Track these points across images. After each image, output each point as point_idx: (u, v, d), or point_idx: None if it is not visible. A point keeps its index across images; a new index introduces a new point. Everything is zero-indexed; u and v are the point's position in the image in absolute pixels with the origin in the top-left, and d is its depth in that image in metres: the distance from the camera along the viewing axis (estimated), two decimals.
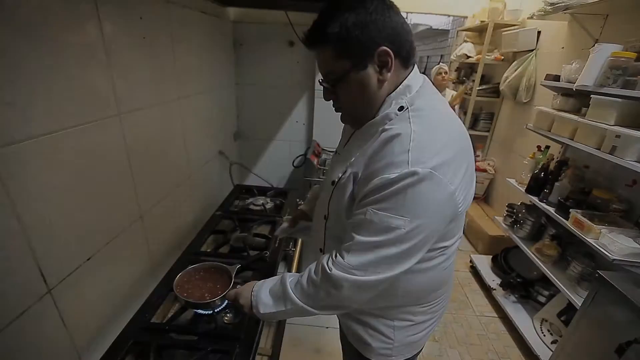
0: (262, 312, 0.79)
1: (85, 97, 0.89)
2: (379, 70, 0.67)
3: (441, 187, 0.62)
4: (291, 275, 0.79)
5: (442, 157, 0.62)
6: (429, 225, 0.64)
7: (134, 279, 1.19)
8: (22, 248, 0.74)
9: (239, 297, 0.85)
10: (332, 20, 0.63)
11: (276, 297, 0.78)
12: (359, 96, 0.70)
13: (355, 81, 0.67)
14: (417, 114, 0.67)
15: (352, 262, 0.66)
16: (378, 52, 0.64)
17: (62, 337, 0.88)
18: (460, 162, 0.66)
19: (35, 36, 0.73)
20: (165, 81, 1.30)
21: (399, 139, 0.64)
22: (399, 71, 0.69)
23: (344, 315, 0.93)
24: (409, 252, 0.65)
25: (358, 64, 0.65)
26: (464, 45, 3.33)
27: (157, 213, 1.30)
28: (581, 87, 1.69)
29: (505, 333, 2.09)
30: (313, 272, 0.73)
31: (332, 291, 0.69)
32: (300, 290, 0.74)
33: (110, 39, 0.95)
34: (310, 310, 0.74)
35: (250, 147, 2.37)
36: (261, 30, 2.04)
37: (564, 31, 2.32)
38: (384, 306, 0.82)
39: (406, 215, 0.61)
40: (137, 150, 1.13)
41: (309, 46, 0.69)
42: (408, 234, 0.62)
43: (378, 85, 0.68)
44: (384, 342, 0.86)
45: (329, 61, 0.68)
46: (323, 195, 0.85)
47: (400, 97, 0.69)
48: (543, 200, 1.96)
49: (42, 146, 0.76)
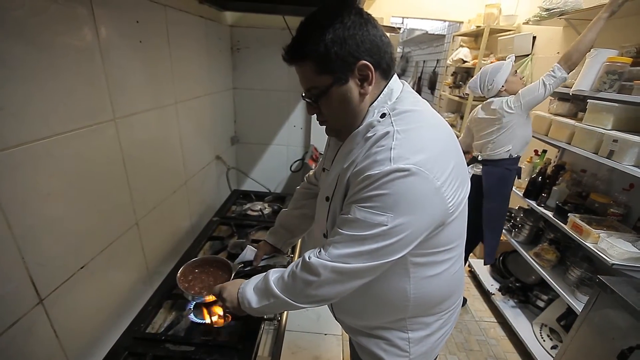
0: (247, 307, 0.78)
1: (80, 102, 0.87)
2: (360, 84, 0.68)
3: (426, 182, 0.61)
4: (276, 271, 0.78)
5: (427, 154, 0.62)
6: (414, 222, 0.63)
7: (129, 287, 1.17)
8: (12, 256, 0.72)
9: (223, 292, 0.85)
10: (310, 37, 0.65)
11: (260, 293, 0.78)
12: (342, 110, 0.70)
13: (338, 95, 0.68)
14: (399, 117, 0.68)
15: (333, 253, 0.66)
16: (358, 66, 0.65)
17: (54, 349, 0.85)
18: (446, 160, 0.65)
19: (30, 39, 0.71)
20: (161, 85, 1.29)
21: (382, 139, 0.65)
22: (380, 83, 0.71)
23: (354, 332, 0.90)
24: (392, 248, 0.64)
25: (339, 79, 0.66)
26: (460, 50, 3.36)
27: (153, 219, 1.28)
28: (578, 92, 1.70)
29: (504, 338, 2.08)
30: (294, 266, 0.73)
31: (310, 278, 0.68)
32: (282, 283, 0.74)
33: (106, 43, 0.94)
34: (292, 303, 0.73)
35: (248, 152, 2.36)
36: (258, 34, 2.04)
37: (559, 36, 2.34)
38: (397, 318, 0.81)
39: (389, 211, 0.61)
40: (133, 156, 1.11)
41: (289, 62, 0.70)
42: (391, 230, 0.62)
43: (360, 98, 0.69)
44: (400, 356, 0.84)
45: (310, 77, 0.68)
46: (319, 213, 0.85)
47: (381, 105, 0.70)
48: (541, 204, 1.96)
49: (35, 152, 0.74)
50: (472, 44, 3.45)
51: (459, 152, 0.72)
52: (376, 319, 0.83)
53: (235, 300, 0.81)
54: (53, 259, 0.82)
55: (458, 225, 0.73)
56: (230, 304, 0.83)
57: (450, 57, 3.65)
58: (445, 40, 4.32)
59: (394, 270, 0.72)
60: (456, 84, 3.62)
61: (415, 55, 6.05)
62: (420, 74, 5.39)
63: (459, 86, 3.55)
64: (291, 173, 2.38)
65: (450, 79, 3.84)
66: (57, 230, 0.83)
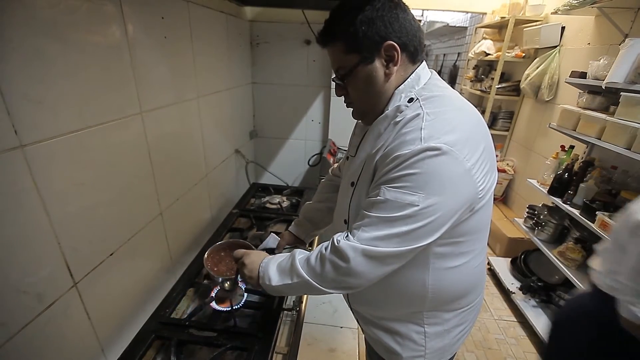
0: (265, 283, 0.78)
1: (110, 96, 0.91)
2: (385, 64, 0.69)
3: (457, 162, 0.60)
4: (302, 252, 0.77)
5: (457, 135, 0.62)
6: (445, 203, 0.62)
7: (154, 274, 1.22)
8: (50, 242, 0.76)
9: (245, 258, 0.85)
10: (341, 19, 0.69)
11: (283, 272, 0.76)
12: (367, 89, 0.72)
13: (363, 74, 0.70)
14: (427, 100, 0.68)
15: (363, 236, 0.65)
16: (385, 46, 0.67)
17: (86, 330, 0.90)
18: (476, 142, 0.65)
19: (63, 37, 0.74)
20: (184, 80, 1.32)
21: (412, 120, 0.65)
22: (407, 66, 0.72)
23: (369, 324, 0.89)
24: (422, 231, 0.62)
25: (365, 58, 0.68)
26: (482, 42, 3.25)
27: (176, 210, 1.32)
28: (611, 84, 1.62)
29: (524, 338, 2.03)
30: (323, 248, 0.72)
31: (339, 263, 0.67)
32: (308, 264, 0.73)
33: (133, 39, 0.97)
34: (316, 286, 0.71)
35: (266, 146, 2.38)
36: (278, 29, 2.05)
37: (590, 26, 2.23)
38: (414, 311, 0.80)
39: (420, 191, 0.60)
40: (158, 149, 1.15)
41: (322, 44, 0.74)
42: (422, 210, 0.61)
43: (385, 78, 0.71)
44: (416, 350, 0.83)
45: (339, 56, 0.71)
46: (341, 199, 0.85)
47: (409, 90, 0.71)
48: (567, 202, 1.89)
49: (69, 143, 0.78)
50: (496, 36, 3.33)
51: (489, 137, 0.71)
52: (393, 310, 0.82)
53: (255, 271, 0.81)
54: (86, 245, 0.87)
55: (484, 214, 0.72)
56: (248, 272, 0.82)
57: (472, 49, 3.54)
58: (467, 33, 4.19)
59: (414, 259, 0.71)
60: (478, 78, 3.51)
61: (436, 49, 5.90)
62: (440, 67, 5.27)
63: (480, 80, 3.45)
64: (309, 167, 2.40)
65: (472, 72, 3.73)
66: (89, 217, 0.87)
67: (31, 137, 0.69)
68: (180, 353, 0.92)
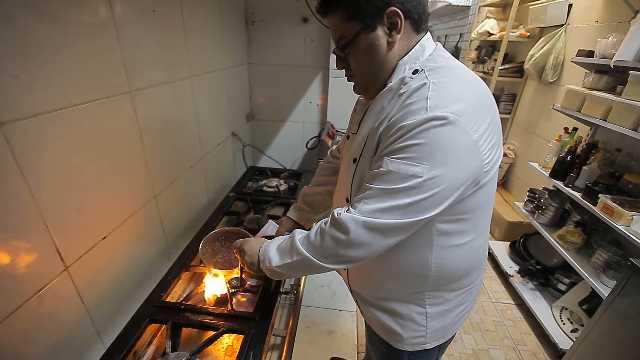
0: (266, 266, 0.77)
1: (96, 74, 0.86)
2: (388, 32, 0.66)
3: (463, 133, 0.58)
4: (302, 231, 0.75)
5: (464, 104, 0.59)
6: (450, 175, 0.59)
7: (149, 259, 1.20)
8: (38, 226, 0.74)
9: (245, 245, 0.84)
10: None
11: (283, 252, 0.75)
12: (369, 60, 0.68)
13: (365, 44, 0.67)
14: (433, 71, 0.64)
15: (364, 209, 0.62)
16: (387, 12, 0.63)
17: (81, 314, 0.89)
18: (483, 114, 0.62)
19: (44, 10, 0.69)
20: (176, 58, 1.27)
21: (417, 90, 0.62)
22: (410, 35, 0.68)
23: (368, 306, 0.88)
24: (425, 203, 0.60)
25: (367, 25, 0.65)
26: (486, 22, 3.15)
27: (170, 194, 1.29)
28: (619, 63, 1.56)
29: (522, 320, 2.05)
30: (323, 223, 0.70)
31: (339, 236, 0.65)
32: (307, 241, 0.71)
33: (118, 13, 0.91)
34: (316, 262, 0.69)
35: (263, 129, 2.34)
36: (274, 6, 1.96)
37: (598, 3, 2.14)
38: (415, 291, 0.79)
39: (425, 162, 0.58)
40: (150, 130, 1.11)
41: (321, 13, 0.70)
42: (426, 182, 0.58)
43: (388, 48, 0.67)
44: (416, 331, 0.82)
45: (339, 25, 0.68)
46: (343, 177, 0.82)
47: (413, 61, 0.68)
48: (569, 185, 1.86)
49: (53, 122, 0.74)
50: (500, 15, 3.22)
51: (496, 109, 0.68)
52: (395, 291, 0.81)
53: (255, 255, 0.80)
54: (76, 229, 0.84)
55: (489, 189, 0.70)
56: (249, 259, 0.82)
57: (474, 30, 3.43)
58: (469, 12, 4.06)
59: (417, 237, 0.69)
60: (480, 59, 3.42)
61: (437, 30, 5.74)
62: None
63: (483, 61, 3.36)
64: (307, 150, 2.36)
65: (474, 53, 3.63)
66: (79, 201, 0.84)
67: (10, 115, 0.65)
68: (176, 336, 0.91)
